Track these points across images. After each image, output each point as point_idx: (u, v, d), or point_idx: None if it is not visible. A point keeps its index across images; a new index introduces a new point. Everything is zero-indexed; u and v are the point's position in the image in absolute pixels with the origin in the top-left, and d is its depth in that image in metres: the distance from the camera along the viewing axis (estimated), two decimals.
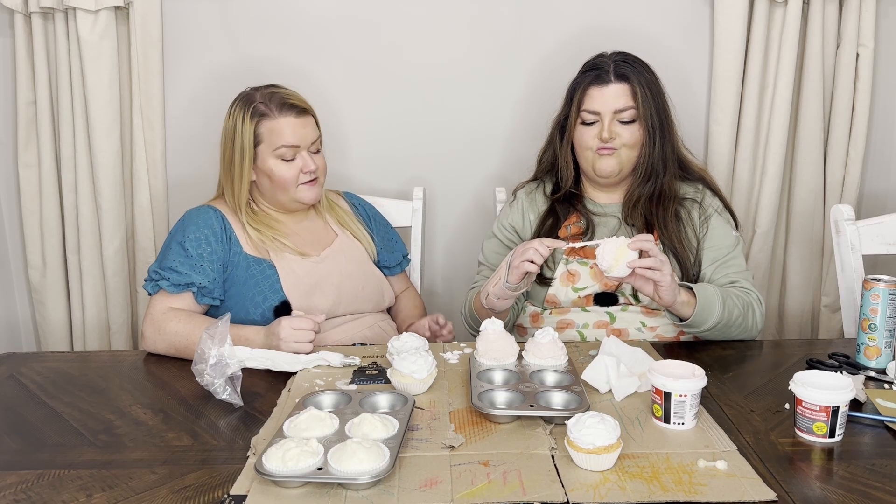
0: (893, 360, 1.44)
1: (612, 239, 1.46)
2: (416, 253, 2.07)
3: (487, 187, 2.26)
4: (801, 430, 1.18)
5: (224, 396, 1.30)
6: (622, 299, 1.68)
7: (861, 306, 1.47)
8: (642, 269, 1.44)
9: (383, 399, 1.27)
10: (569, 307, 1.70)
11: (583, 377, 1.33)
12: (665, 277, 1.45)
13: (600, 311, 1.69)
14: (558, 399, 1.26)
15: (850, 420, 1.20)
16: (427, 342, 1.44)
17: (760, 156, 2.19)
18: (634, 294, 1.67)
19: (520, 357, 1.43)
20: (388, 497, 1.01)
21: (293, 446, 1.05)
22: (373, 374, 1.41)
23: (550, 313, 1.72)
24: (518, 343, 1.46)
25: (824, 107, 2.17)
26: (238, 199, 1.71)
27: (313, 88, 1.99)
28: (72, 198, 2.21)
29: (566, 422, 1.10)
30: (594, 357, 1.38)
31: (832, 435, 1.16)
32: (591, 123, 1.69)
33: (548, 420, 1.20)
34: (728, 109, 2.15)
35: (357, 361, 1.48)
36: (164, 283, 1.60)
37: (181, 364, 1.50)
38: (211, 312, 1.66)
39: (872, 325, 1.45)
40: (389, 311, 1.90)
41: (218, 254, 1.65)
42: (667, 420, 1.19)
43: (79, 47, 2.08)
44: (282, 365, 1.45)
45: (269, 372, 1.45)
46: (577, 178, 1.79)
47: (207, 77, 2.21)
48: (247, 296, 1.65)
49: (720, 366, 1.48)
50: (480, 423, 1.22)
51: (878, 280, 1.46)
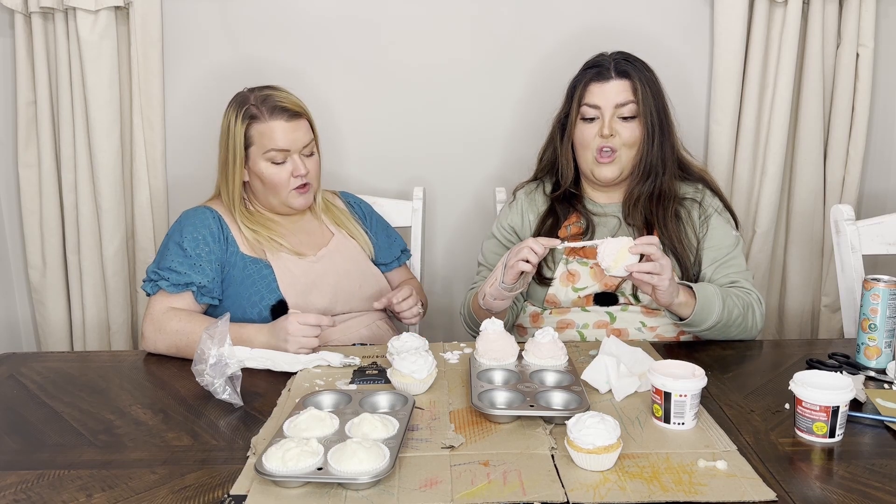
0: (893, 360, 1.44)
1: (616, 238, 1.45)
2: (416, 253, 2.06)
3: (487, 187, 2.26)
4: (801, 430, 1.18)
5: (224, 396, 1.30)
6: (622, 299, 1.68)
7: (861, 306, 1.47)
8: (640, 274, 1.43)
9: (383, 399, 1.27)
10: (569, 307, 1.70)
11: (583, 377, 1.33)
12: (663, 282, 1.44)
13: (600, 311, 1.68)
14: (558, 399, 1.26)
15: (850, 420, 1.20)
16: (427, 342, 1.45)
17: (760, 156, 2.19)
18: (634, 294, 1.66)
19: (520, 357, 1.43)
20: (388, 497, 1.01)
21: (293, 446, 1.05)
22: (373, 374, 1.41)
23: (550, 313, 1.72)
24: (518, 343, 1.46)
25: (824, 107, 2.17)
26: (232, 199, 1.71)
27: (313, 88, 1.99)
28: (72, 198, 2.21)
29: (566, 422, 1.10)
30: (594, 357, 1.38)
31: (832, 435, 1.16)
32: (592, 120, 1.68)
33: (548, 420, 1.20)
34: (728, 109, 2.15)
35: (357, 361, 1.48)
36: (163, 283, 1.60)
37: (181, 364, 1.50)
38: (210, 312, 1.66)
39: (872, 325, 1.45)
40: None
41: (216, 253, 1.65)
42: (667, 420, 1.19)
43: (79, 47, 2.08)
44: (282, 365, 1.46)
45: (269, 372, 1.45)
46: (577, 177, 1.79)
47: (207, 77, 2.21)
48: (244, 295, 1.65)
49: (720, 366, 1.48)
50: (480, 423, 1.21)
51: (878, 280, 1.46)
